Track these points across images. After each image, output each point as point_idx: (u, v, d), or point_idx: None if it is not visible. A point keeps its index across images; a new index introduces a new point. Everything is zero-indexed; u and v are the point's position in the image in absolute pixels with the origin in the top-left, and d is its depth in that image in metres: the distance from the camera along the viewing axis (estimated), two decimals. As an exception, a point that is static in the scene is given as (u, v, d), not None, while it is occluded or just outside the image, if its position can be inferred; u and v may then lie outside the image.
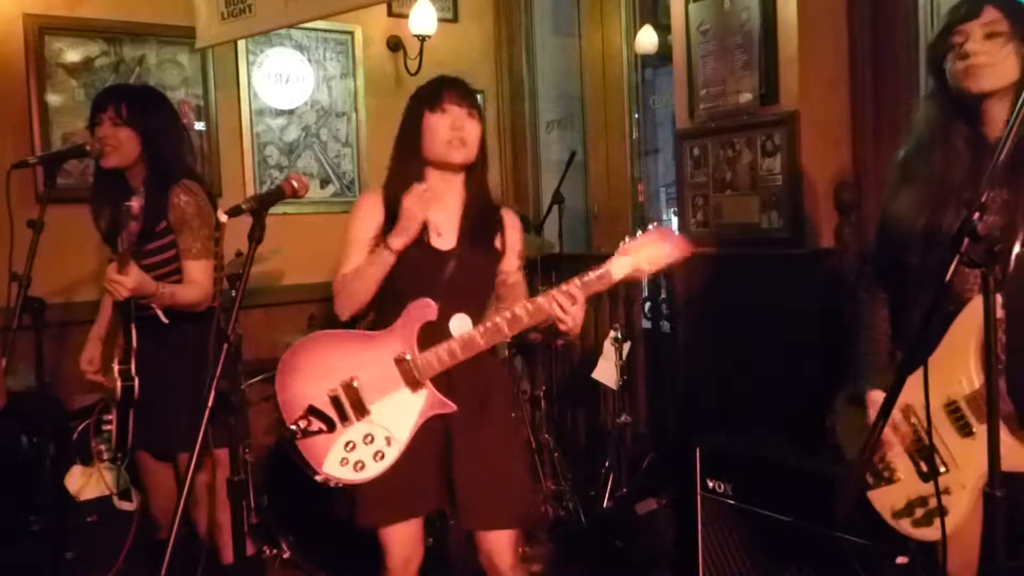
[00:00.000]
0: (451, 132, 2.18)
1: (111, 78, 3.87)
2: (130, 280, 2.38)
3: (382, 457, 2.09)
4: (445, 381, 2.13)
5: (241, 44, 4.17)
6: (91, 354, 2.80)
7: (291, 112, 4.40)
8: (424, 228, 2.18)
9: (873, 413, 1.90)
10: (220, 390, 1.83)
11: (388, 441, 2.09)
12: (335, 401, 2.09)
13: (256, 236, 1.94)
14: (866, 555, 2.19)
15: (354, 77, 4.54)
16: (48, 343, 3.00)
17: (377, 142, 4.60)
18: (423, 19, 4.44)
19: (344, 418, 2.09)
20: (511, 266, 2.31)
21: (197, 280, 2.57)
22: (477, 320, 2.15)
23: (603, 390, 3.95)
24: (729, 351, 3.33)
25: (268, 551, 3.36)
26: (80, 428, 3.31)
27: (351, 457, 2.08)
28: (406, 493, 2.16)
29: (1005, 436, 1.66)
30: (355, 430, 2.09)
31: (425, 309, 2.10)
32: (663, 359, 3.84)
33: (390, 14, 4.61)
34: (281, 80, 4.36)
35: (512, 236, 2.31)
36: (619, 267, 2.02)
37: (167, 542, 1.85)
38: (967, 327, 1.70)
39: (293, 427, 2.06)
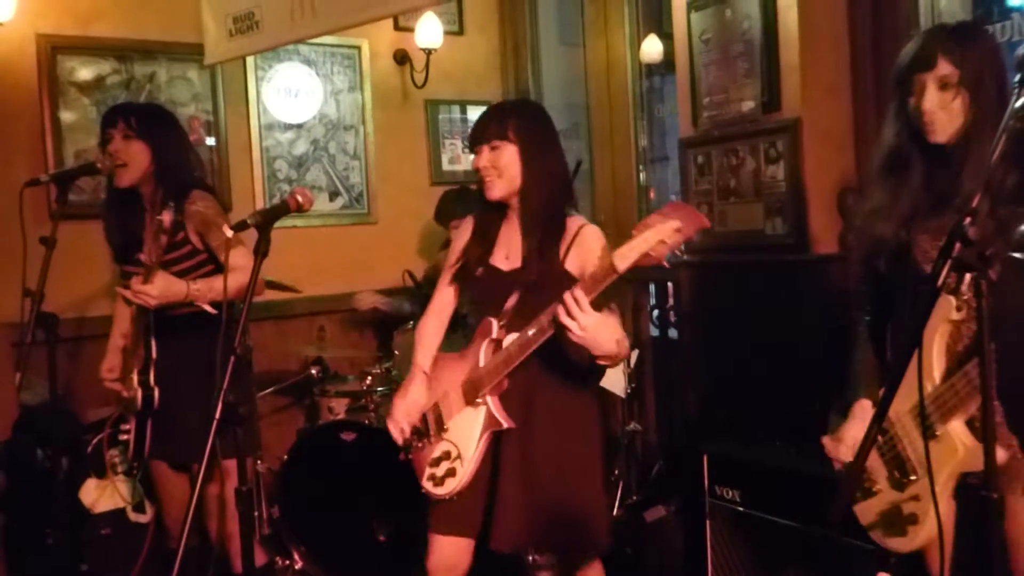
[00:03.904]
0: (481, 170, 2.23)
1: (122, 95, 3.92)
2: (155, 289, 2.43)
3: (454, 473, 2.16)
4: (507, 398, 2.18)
5: (250, 59, 4.22)
6: (111, 362, 2.85)
7: (300, 126, 4.44)
8: (490, 249, 2.29)
9: (854, 421, 1.93)
10: (227, 402, 1.86)
11: (459, 458, 2.16)
12: (425, 420, 2.27)
13: (261, 250, 1.97)
14: (872, 560, 2.19)
15: (362, 90, 4.58)
16: (62, 358, 3.04)
17: (385, 154, 4.65)
18: (429, 32, 4.48)
19: (430, 436, 2.25)
20: None
21: (239, 265, 2.50)
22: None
23: (612, 398, 3.95)
24: (735, 357, 3.33)
25: (280, 561, 3.38)
26: (95, 441, 3.35)
27: (436, 472, 2.21)
28: (456, 511, 2.22)
29: (966, 438, 1.68)
30: (440, 446, 2.22)
31: (485, 328, 2.18)
32: (671, 366, 3.85)
33: (396, 28, 4.65)
34: (290, 94, 4.41)
35: (583, 253, 2.14)
36: (623, 258, 1.81)
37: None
38: (930, 330, 1.71)
39: (404, 444, 2.27)
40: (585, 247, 2.15)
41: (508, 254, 2.27)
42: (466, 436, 2.16)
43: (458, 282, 2.37)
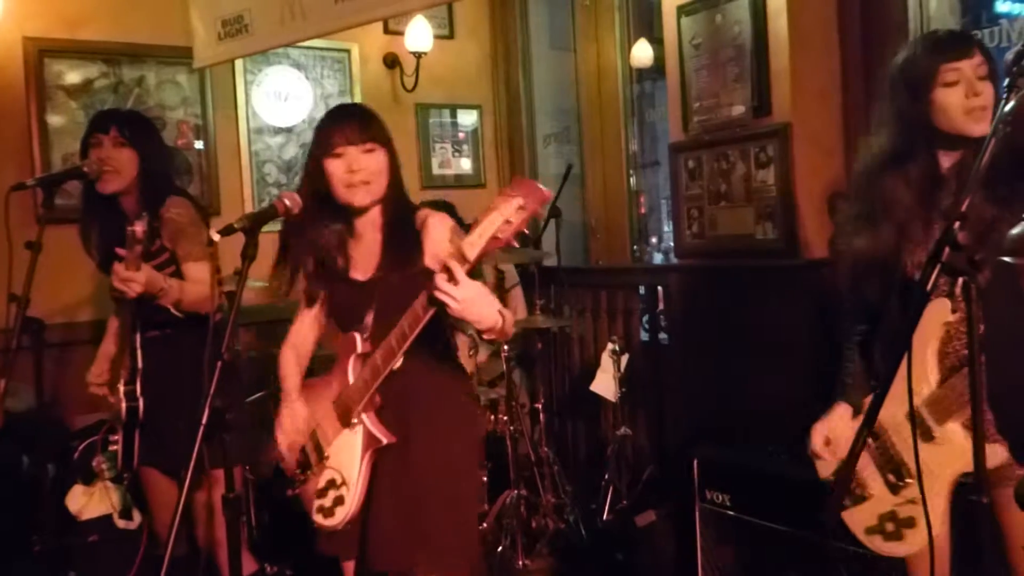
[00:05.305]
0: (349, 175, 2.05)
1: (110, 99, 3.90)
2: (141, 275, 2.41)
3: (341, 501, 2.02)
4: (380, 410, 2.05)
5: (239, 63, 4.20)
6: (100, 368, 2.82)
7: (289, 130, 4.43)
8: (345, 262, 2.13)
9: (836, 421, 1.93)
10: (215, 408, 1.84)
11: (343, 484, 2.03)
12: (304, 452, 2.15)
13: (249, 254, 1.95)
14: (861, 565, 2.19)
15: (352, 94, 4.57)
16: (48, 363, 3.03)
17: (375, 159, 4.63)
18: (419, 36, 4.48)
19: (310, 467, 2.13)
20: None
21: (200, 279, 2.54)
22: (424, 341, 1.98)
23: (603, 402, 3.95)
24: (725, 362, 3.34)
25: (269, 568, 3.36)
26: (81, 448, 3.33)
27: (324, 503, 2.06)
28: (351, 533, 2.08)
29: (964, 440, 1.67)
30: (324, 476, 2.09)
31: (348, 344, 2.08)
32: (662, 371, 3.85)
33: (386, 32, 4.65)
34: (279, 98, 4.40)
35: (433, 245, 2.05)
36: (472, 246, 1.71)
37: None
38: (924, 334, 1.71)
39: (293, 480, 2.15)
40: (434, 239, 2.06)
41: (360, 265, 2.14)
42: (347, 460, 2.03)
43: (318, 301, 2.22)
